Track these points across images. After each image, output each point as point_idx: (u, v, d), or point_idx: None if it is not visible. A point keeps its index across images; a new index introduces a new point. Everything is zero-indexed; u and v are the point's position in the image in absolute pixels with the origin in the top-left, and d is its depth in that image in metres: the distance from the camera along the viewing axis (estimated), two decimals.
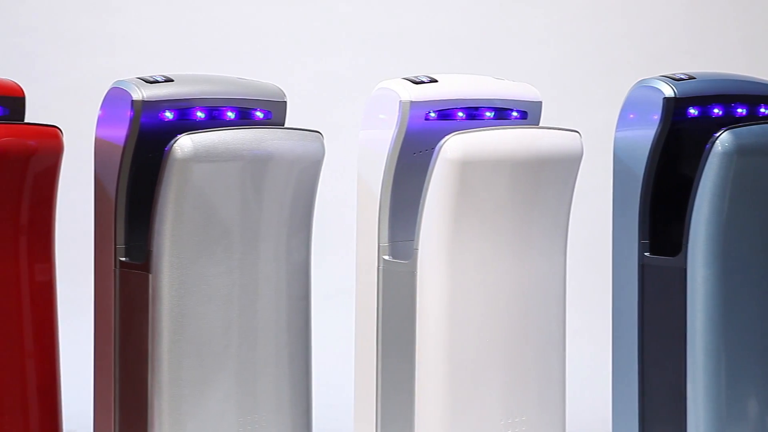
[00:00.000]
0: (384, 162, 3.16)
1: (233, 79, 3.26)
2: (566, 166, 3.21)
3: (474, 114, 3.26)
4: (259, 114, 3.22)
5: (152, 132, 3.05)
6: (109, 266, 3.08)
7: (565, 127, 3.24)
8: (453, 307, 3.07)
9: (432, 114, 3.19)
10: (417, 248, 3.08)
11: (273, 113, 3.24)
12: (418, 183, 3.10)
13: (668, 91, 3.34)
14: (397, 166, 3.16)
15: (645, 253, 3.37)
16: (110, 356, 3.08)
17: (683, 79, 3.37)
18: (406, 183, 3.18)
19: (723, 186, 3.24)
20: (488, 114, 3.28)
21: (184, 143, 2.95)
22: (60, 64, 4.89)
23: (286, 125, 3.26)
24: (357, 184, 3.22)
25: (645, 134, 3.35)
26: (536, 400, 3.21)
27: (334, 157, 3.61)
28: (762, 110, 3.49)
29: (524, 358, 3.18)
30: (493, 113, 3.29)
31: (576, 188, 3.27)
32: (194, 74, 3.23)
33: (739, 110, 3.46)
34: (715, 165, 3.24)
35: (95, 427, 3.15)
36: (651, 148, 3.34)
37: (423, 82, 3.18)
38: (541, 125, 3.35)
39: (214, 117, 3.14)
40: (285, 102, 3.27)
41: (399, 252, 3.18)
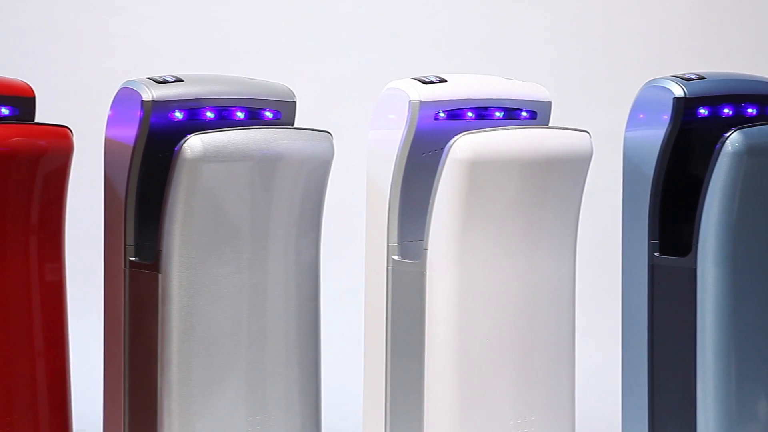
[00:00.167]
0: (393, 162, 3.16)
1: (243, 79, 3.26)
2: (576, 166, 3.21)
3: (483, 114, 3.26)
4: (269, 114, 3.22)
5: (162, 132, 3.05)
6: (119, 266, 3.08)
7: (575, 127, 3.24)
8: (462, 307, 3.07)
9: (441, 114, 3.19)
10: (426, 248, 3.08)
11: (282, 113, 3.25)
12: (428, 183, 3.10)
13: (678, 91, 3.33)
14: (407, 166, 3.16)
15: (655, 254, 3.36)
16: (120, 356, 3.08)
17: (693, 79, 3.37)
18: (416, 183, 3.18)
19: (733, 186, 3.24)
20: (497, 114, 3.28)
21: (194, 143, 2.95)
22: (70, 65, 4.90)
23: (296, 125, 3.26)
24: (366, 184, 3.22)
25: (655, 134, 3.35)
26: (546, 401, 3.21)
27: (344, 157, 3.61)
28: None
29: (533, 359, 3.18)
30: (503, 113, 3.28)
31: (585, 188, 3.27)
32: (204, 74, 3.23)
33: (750, 110, 3.45)
34: (725, 165, 3.23)
35: (105, 427, 3.15)
36: (661, 148, 3.34)
37: (432, 82, 3.18)
38: (551, 125, 3.35)
39: (224, 117, 3.15)
40: (294, 102, 3.27)
41: (408, 252, 3.18)
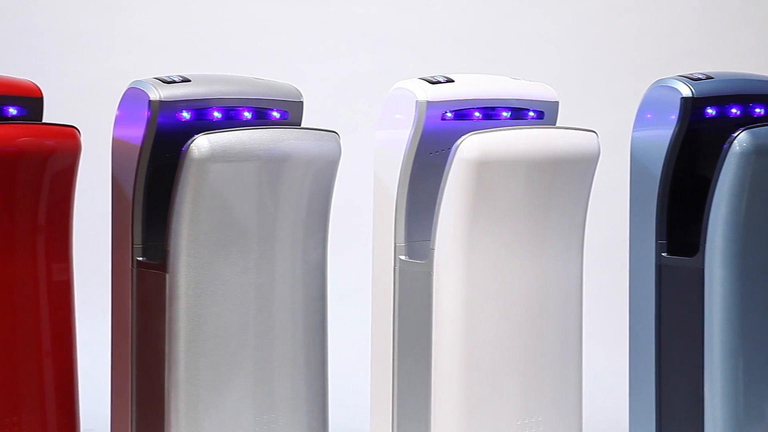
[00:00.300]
0: (400, 162, 3.16)
1: (250, 80, 3.26)
2: (583, 166, 3.20)
3: (490, 114, 3.26)
4: (276, 114, 3.22)
5: (169, 132, 3.06)
6: (127, 266, 3.09)
7: (582, 127, 3.23)
8: (469, 307, 3.07)
9: (448, 114, 3.18)
10: (433, 248, 3.08)
11: (289, 113, 3.25)
12: (435, 183, 3.10)
13: (686, 91, 3.33)
14: (414, 166, 3.16)
15: (662, 254, 3.36)
16: (127, 355, 3.08)
17: (701, 79, 3.36)
18: (423, 183, 3.18)
19: (741, 186, 3.23)
20: (505, 114, 3.28)
21: (201, 143, 2.95)
22: (78, 65, 4.90)
23: (303, 125, 3.26)
24: (373, 184, 3.22)
25: (662, 134, 3.34)
26: (553, 401, 3.21)
27: (351, 157, 3.61)
28: None
29: (541, 359, 3.18)
30: (510, 113, 3.28)
31: (593, 188, 3.26)
32: (211, 74, 3.24)
33: (758, 110, 3.45)
34: (733, 165, 3.23)
35: (112, 426, 3.16)
36: (668, 148, 3.33)
37: (439, 82, 3.18)
38: (558, 125, 3.35)
39: (231, 117, 3.15)
40: (301, 102, 3.27)
41: (415, 252, 3.18)
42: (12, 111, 3.06)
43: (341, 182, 3.31)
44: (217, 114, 3.12)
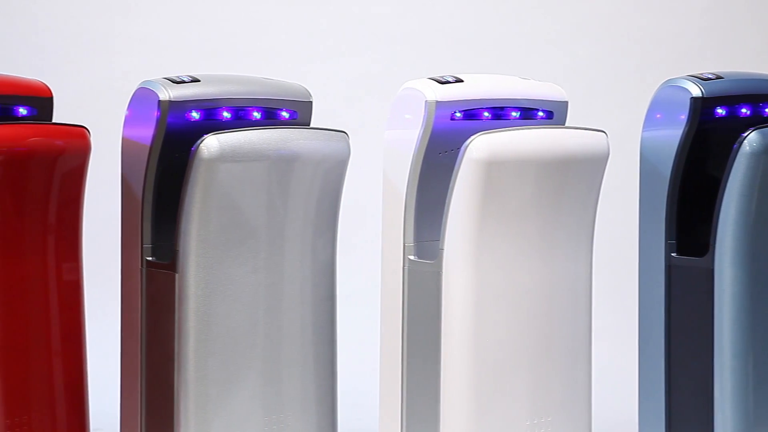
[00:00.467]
0: (409, 162, 3.16)
1: (259, 80, 3.26)
2: (592, 166, 3.20)
3: (500, 114, 3.26)
4: (285, 114, 3.22)
5: (179, 132, 3.06)
6: (136, 266, 3.09)
7: (592, 127, 3.23)
8: (478, 308, 3.07)
9: (458, 114, 3.18)
10: (442, 248, 3.08)
11: (299, 113, 3.25)
12: (444, 183, 3.10)
13: (695, 91, 3.32)
14: (423, 166, 3.16)
15: (672, 254, 3.35)
16: (137, 355, 3.09)
17: (711, 79, 3.36)
18: (432, 183, 3.18)
19: (751, 186, 3.23)
20: (514, 114, 3.27)
21: (211, 143, 2.96)
22: (88, 65, 4.91)
23: (312, 125, 3.26)
24: (382, 184, 3.22)
25: (672, 134, 3.34)
26: (562, 401, 3.21)
27: (360, 157, 3.61)
28: None
29: (550, 359, 3.18)
30: (519, 113, 3.28)
31: (602, 188, 3.26)
32: (220, 74, 3.24)
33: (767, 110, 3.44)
34: (743, 165, 3.22)
35: (122, 425, 3.16)
36: (678, 148, 3.33)
37: (449, 82, 3.18)
38: (567, 125, 3.34)
39: (240, 117, 3.15)
40: (311, 102, 3.28)
41: (424, 252, 3.18)
42: (22, 111, 3.07)
43: (350, 182, 3.31)
44: (227, 114, 3.12)
